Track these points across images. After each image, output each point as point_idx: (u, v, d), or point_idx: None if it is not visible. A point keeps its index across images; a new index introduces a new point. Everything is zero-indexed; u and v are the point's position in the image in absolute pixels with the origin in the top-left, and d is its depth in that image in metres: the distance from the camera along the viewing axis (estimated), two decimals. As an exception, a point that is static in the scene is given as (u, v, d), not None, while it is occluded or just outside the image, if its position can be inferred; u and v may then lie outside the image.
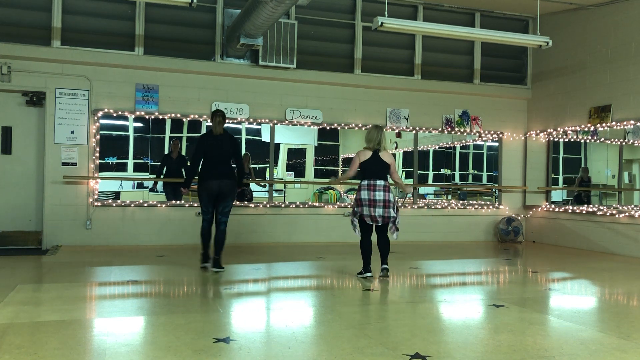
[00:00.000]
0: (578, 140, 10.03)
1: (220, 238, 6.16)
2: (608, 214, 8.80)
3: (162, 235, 8.47)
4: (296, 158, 12.53)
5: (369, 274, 5.87)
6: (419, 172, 10.17)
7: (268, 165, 9.48)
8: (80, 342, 3.51)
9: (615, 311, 4.80)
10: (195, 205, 8.63)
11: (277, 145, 10.65)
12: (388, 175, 5.91)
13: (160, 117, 8.57)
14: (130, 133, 10.73)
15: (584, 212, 9.24)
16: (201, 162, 6.19)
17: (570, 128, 9.54)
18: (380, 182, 5.73)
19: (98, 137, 8.26)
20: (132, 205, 8.40)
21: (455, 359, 3.31)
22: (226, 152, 6.13)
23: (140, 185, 11.02)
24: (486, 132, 10.22)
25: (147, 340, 3.65)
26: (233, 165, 6.28)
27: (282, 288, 5.69)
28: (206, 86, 8.72)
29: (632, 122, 8.49)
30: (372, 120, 9.38)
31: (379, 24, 6.68)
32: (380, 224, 5.79)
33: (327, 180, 12.63)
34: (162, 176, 9.53)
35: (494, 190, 10.81)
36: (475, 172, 12.12)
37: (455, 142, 11.49)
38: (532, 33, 9.78)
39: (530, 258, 8.41)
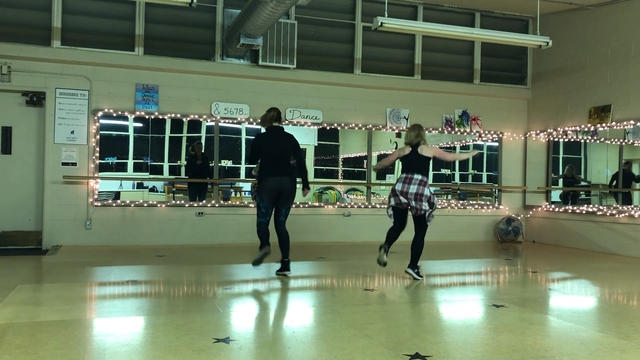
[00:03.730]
0: (578, 140, 10.02)
1: (286, 239, 6.01)
2: (608, 214, 8.80)
3: (162, 235, 8.47)
4: (296, 158, 12.51)
5: (386, 246, 5.99)
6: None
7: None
8: (80, 342, 3.51)
9: (615, 311, 4.80)
10: (195, 205, 8.65)
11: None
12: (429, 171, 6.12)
13: (160, 117, 8.57)
14: (130, 133, 10.75)
15: (583, 212, 9.24)
16: (259, 159, 5.96)
17: (570, 128, 9.54)
18: (417, 176, 5.82)
19: (98, 137, 8.26)
20: (132, 205, 8.40)
21: (455, 359, 3.31)
22: (283, 148, 5.86)
23: (140, 185, 11.03)
24: (486, 132, 10.22)
25: (147, 340, 3.65)
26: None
27: (282, 288, 5.69)
28: (206, 86, 8.72)
29: (632, 122, 8.49)
30: (372, 120, 9.42)
31: (379, 24, 6.68)
32: (412, 212, 5.87)
33: (327, 180, 12.65)
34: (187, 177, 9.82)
35: (493, 190, 10.80)
36: (475, 172, 12.12)
37: (455, 142, 11.49)
38: (532, 33, 9.77)
39: (530, 258, 8.41)
